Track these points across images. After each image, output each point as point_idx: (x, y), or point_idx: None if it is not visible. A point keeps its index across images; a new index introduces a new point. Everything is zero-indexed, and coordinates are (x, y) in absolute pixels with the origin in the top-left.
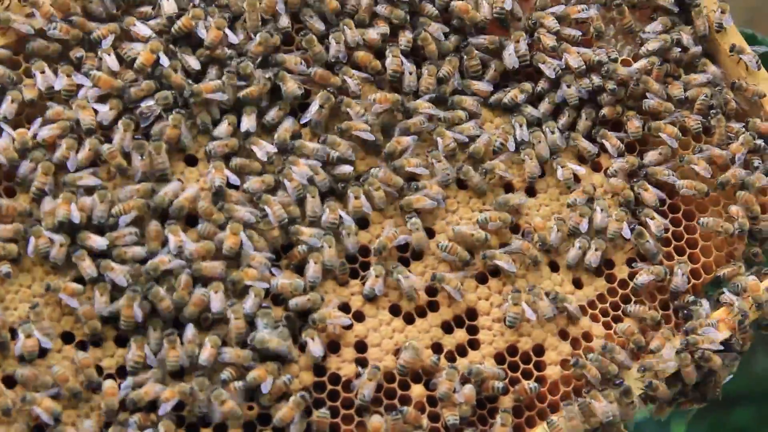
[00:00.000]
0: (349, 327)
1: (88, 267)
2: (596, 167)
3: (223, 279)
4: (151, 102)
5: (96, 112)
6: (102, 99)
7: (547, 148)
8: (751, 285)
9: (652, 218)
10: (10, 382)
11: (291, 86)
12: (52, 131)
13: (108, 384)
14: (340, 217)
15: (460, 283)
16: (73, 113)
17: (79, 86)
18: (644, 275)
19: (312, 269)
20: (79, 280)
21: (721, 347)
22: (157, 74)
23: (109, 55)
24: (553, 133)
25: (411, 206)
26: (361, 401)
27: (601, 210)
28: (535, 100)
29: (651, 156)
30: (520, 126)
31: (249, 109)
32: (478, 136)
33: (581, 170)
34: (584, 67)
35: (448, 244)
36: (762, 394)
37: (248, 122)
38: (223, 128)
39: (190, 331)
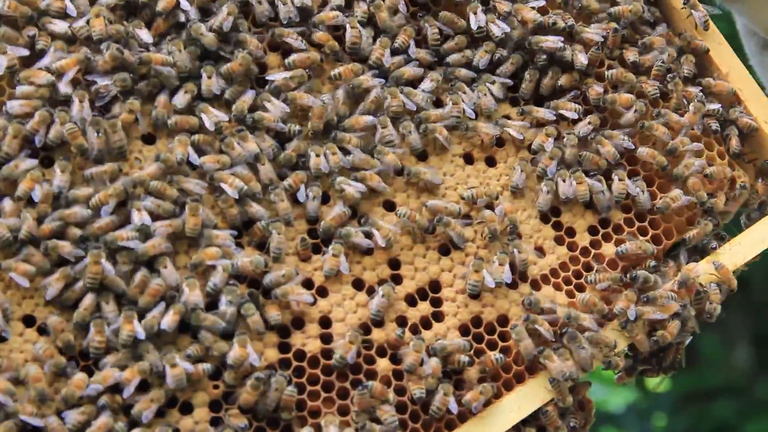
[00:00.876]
0: (313, 303)
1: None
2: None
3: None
4: (107, 81)
5: None
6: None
7: (493, 100)
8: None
9: (621, 179)
10: None
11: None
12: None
13: (77, 377)
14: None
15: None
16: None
17: None
18: (629, 245)
19: (276, 239)
20: None
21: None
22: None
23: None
24: (493, 83)
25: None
26: (339, 363)
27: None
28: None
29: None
30: (464, 93)
31: (209, 69)
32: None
33: (519, 136)
34: (540, 19)
35: (407, 211)
36: (743, 386)
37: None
38: (181, 98)
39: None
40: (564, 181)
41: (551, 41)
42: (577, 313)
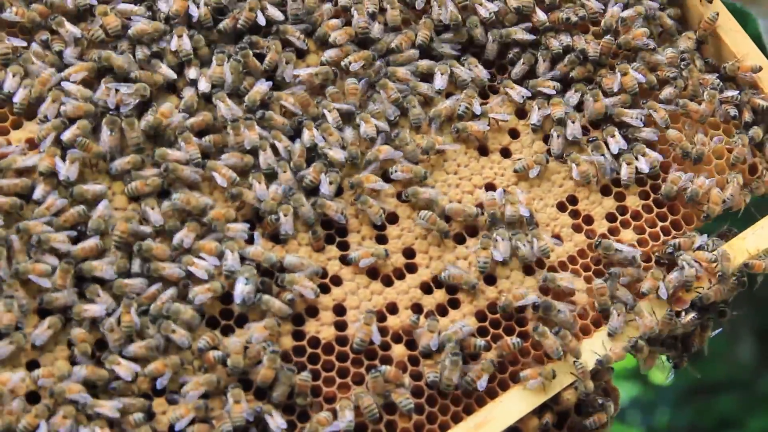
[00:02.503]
0: (325, 292)
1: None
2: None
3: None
4: (129, 91)
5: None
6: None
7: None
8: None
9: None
10: None
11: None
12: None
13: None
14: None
15: None
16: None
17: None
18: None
19: (286, 222)
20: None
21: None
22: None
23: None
24: (476, 66)
25: (362, 185)
26: (360, 346)
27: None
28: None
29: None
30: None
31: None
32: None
33: (506, 117)
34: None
35: (428, 214)
36: (746, 381)
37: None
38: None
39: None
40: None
41: (521, 33)
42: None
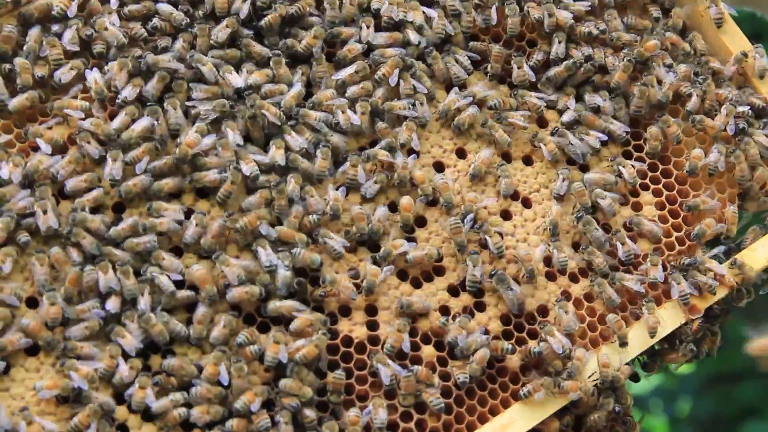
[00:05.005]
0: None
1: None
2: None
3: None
4: (208, 106)
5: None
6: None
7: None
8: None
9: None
10: None
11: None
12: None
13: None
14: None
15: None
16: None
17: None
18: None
19: (333, 194)
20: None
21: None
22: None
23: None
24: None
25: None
26: (390, 351)
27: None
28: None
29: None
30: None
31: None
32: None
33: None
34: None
35: (455, 221)
36: None
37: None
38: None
39: (201, 309)
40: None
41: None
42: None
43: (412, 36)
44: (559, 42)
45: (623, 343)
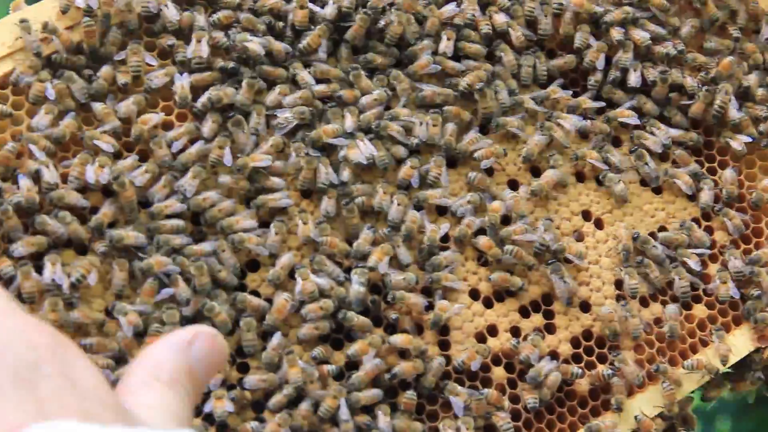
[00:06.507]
0: (428, 310)
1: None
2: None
3: None
4: (288, 114)
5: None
6: None
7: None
8: None
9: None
10: None
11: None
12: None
13: None
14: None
15: None
16: None
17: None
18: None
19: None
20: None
21: None
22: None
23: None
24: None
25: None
26: (459, 366)
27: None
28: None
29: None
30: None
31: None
32: None
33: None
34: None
35: (513, 249)
36: None
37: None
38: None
39: (276, 339)
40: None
41: None
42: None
43: (505, 56)
44: (635, 70)
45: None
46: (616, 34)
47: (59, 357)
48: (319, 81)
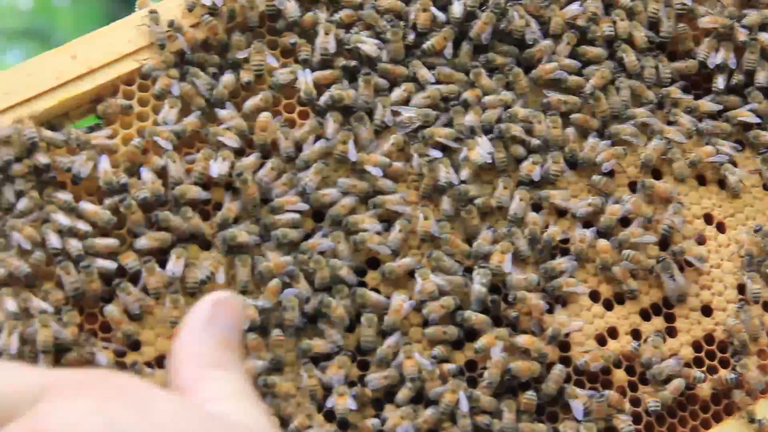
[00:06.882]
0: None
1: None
2: None
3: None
4: (412, 113)
5: None
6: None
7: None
8: None
9: None
10: None
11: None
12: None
13: None
14: None
15: None
16: None
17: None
18: None
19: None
20: None
21: None
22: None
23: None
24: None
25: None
26: (581, 366)
27: None
28: None
29: None
30: None
31: None
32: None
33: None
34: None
35: (629, 254)
36: None
37: None
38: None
39: (394, 338)
40: None
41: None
42: None
43: (626, 57)
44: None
45: None
46: (742, 35)
47: None
48: (439, 83)
